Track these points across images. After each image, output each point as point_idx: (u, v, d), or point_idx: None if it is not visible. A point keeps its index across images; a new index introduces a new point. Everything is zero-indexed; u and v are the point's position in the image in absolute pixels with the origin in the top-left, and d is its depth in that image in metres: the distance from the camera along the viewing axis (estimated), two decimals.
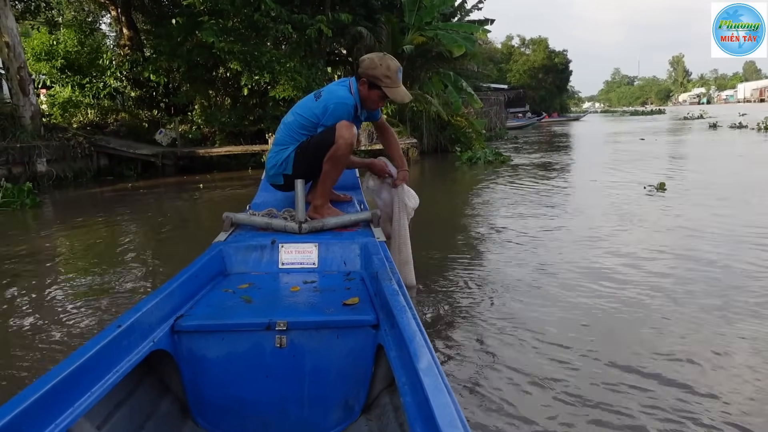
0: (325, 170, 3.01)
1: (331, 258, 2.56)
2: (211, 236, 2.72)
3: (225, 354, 1.93)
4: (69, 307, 4.08)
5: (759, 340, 3.04)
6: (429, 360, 1.43)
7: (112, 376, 1.58)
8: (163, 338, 1.85)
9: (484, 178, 11.34)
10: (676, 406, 2.41)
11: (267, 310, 2.01)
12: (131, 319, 1.73)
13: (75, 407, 1.43)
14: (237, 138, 17.11)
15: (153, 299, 1.89)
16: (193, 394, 1.92)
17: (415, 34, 17.12)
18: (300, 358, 1.93)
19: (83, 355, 1.51)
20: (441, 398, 1.24)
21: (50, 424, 1.34)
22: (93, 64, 17.85)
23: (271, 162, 3.22)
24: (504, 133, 28.04)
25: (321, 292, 2.25)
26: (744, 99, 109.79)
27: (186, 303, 2.08)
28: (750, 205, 7.06)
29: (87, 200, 11.25)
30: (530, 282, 4.20)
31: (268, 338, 1.92)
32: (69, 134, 14.38)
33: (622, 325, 3.35)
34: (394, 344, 1.71)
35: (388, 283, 2.01)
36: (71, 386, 1.44)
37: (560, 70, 61.97)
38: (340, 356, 1.94)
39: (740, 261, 4.53)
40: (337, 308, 2.03)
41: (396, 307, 1.78)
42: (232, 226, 2.84)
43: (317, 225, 2.75)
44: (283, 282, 2.40)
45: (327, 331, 1.94)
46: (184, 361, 1.91)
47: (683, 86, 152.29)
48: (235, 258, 2.54)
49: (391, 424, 1.77)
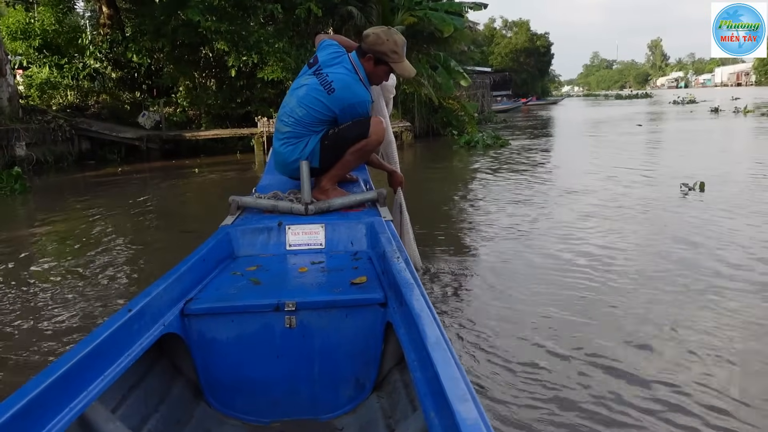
0: (348, 159, 2.94)
1: (338, 238, 2.57)
2: (218, 221, 2.69)
3: (235, 336, 1.94)
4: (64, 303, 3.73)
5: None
6: (438, 335, 1.43)
7: (124, 359, 1.58)
8: (174, 322, 1.86)
9: (492, 167, 10.85)
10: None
11: (276, 292, 2.02)
12: (141, 303, 1.73)
13: (88, 391, 1.43)
14: (223, 121, 16.61)
15: (162, 283, 1.89)
16: (205, 376, 1.94)
17: (405, 14, 16.68)
18: (310, 338, 1.94)
19: (95, 339, 1.51)
20: (450, 372, 1.24)
21: (65, 408, 1.35)
22: (72, 43, 17.19)
23: (291, 156, 2.95)
24: (493, 117, 27.79)
25: (329, 272, 2.26)
26: (721, 83, 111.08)
27: (195, 286, 2.08)
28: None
29: (74, 186, 10.81)
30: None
31: (277, 319, 1.93)
32: (49, 117, 13.85)
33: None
34: (402, 322, 1.72)
35: (396, 262, 2.00)
36: (84, 370, 1.44)
37: (542, 53, 61.82)
38: (350, 335, 1.95)
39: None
40: (345, 288, 2.04)
41: (404, 285, 1.78)
42: (238, 209, 2.83)
43: (323, 206, 2.74)
44: (291, 263, 2.42)
45: (336, 311, 1.95)
46: (194, 344, 1.92)
47: (661, 70, 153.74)
48: (243, 241, 2.55)
49: (402, 401, 1.79)
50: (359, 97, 2.84)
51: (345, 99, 2.82)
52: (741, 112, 23.52)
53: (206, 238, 2.45)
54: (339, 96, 2.81)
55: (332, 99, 2.82)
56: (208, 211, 7.20)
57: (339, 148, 2.90)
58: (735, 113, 23.73)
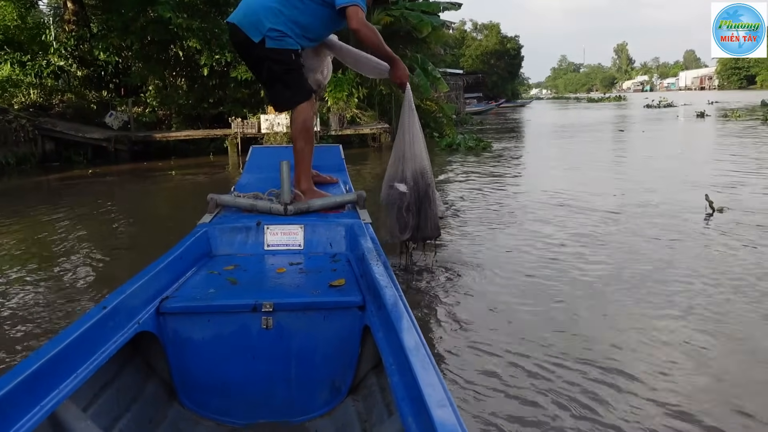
0: (300, 147, 2.93)
1: (317, 240, 2.55)
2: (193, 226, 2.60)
3: (211, 336, 1.91)
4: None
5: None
6: (416, 340, 1.42)
7: (97, 357, 1.56)
8: (149, 320, 1.83)
9: (481, 170, 10.51)
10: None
11: (253, 292, 2.00)
12: (116, 300, 1.70)
13: (60, 389, 1.40)
14: (195, 121, 16.09)
15: (138, 281, 1.86)
16: (179, 376, 1.90)
17: (381, 14, 16.41)
18: (286, 340, 1.92)
19: (68, 336, 1.48)
20: (429, 378, 1.24)
21: (35, 407, 1.32)
22: (35, 40, 16.48)
23: (268, 22, 2.80)
24: (469, 119, 27.67)
25: (307, 273, 2.23)
26: (685, 87, 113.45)
27: (171, 284, 2.05)
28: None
29: (38, 189, 10.19)
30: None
31: (254, 320, 1.90)
32: (10, 116, 13.20)
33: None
34: (381, 325, 1.70)
35: (375, 265, 1.99)
36: (56, 368, 1.41)
37: (512, 56, 62.23)
38: (327, 337, 1.94)
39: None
40: (324, 290, 2.01)
41: (382, 289, 1.77)
42: (216, 207, 2.80)
43: (303, 207, 2.71)
44: (269, 264, 2.39)
45: (313, 313, 1.93)
46: (170, 343, 1.89)
47: (627, 74, 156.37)
48: (221, 240, 2.52)
49: (378, 405, 1.78)
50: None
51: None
52: (731, 117, 21.84)
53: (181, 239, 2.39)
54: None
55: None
56: (184, 215, 6.78)
57: (285, 73, 2.89)
58: (725, 118, 21.93)
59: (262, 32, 2.79)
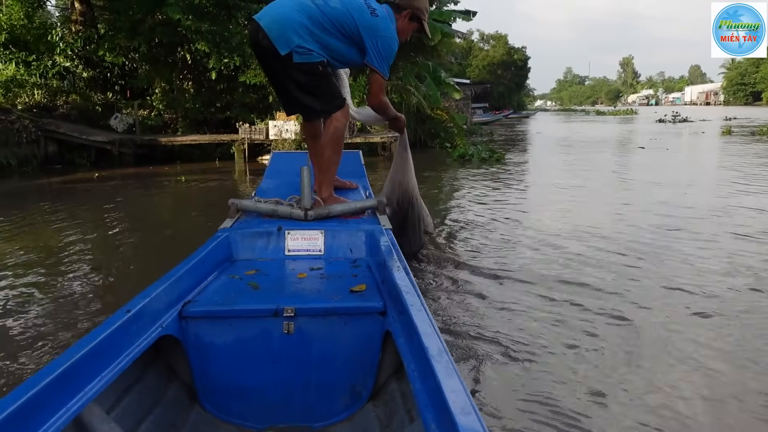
0: (328, 156, 2.93)
1: (337, 245, 2.56)
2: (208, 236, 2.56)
3: (232, 340, 1.92)
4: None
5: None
6: (438, 346, 1.41)
7: (121, 361, 1.56)
8: (171, 324, 1.83)
9: (506, 189, 9.45)
10: None
11: (274, 297, 2.01)
12: (140, 304, 1.71)
13: (85, 392, 1.41)
14: (201, 126, 15.80)
15: (161, 285, 1.86)
16: (201, 380, 1.91)
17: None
18: (307, 345, 1.93)
19: (93, 340, 1.49)
20: (452, 384, 1.22)
21: (60, 409, 1.33)
22: (41, 40, 16.15)
23: (289, 16, 2.76)
24: (478, 129, 27.35)
25: (328, 278, 2.24)
26: (691, 102, 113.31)
27: (193, 289, 2.06)
28: None
29: (40, 192, 9.86)
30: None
31: (275, 324, 1.91)
32: (13, 117, 12.91)
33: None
34: (402, 331, 1.70)
35: (395, 270, 1.99)
36: (81, 371, 1.42)
37: (519, 67, 62.23)
38: (348, 343, 1.93)
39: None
40: (344, 295, 2.02)
41: (403, 294, 1.76)
42: (237, 212, 2.82)
43: (323, 212, 2.72)
44: (290, 269, 2.40)
45: (334, 318, 1.93)
46: (191, 347, 1.90)
47: (632, 87, 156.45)
48: (242, 244, 2.53)
49: (399, 411, 1.76)
50: (394, 37, 2.87)
51: (382, 29, 2.82)
52: (759, 135, 20.13)
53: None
54: (378, 23, 2.81)
55: (370, 21, 2.79)
56: (198, 222, 6.44)
57: (314, 85, 2.85)
58: (753, 136, 20.03)
59: (290, 47, 2.73)
